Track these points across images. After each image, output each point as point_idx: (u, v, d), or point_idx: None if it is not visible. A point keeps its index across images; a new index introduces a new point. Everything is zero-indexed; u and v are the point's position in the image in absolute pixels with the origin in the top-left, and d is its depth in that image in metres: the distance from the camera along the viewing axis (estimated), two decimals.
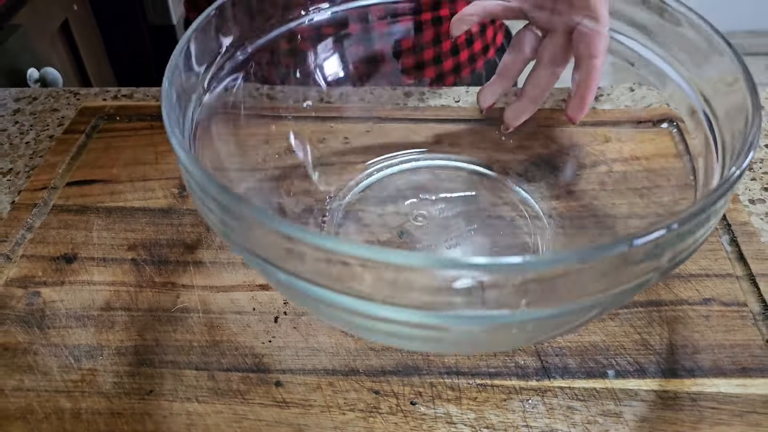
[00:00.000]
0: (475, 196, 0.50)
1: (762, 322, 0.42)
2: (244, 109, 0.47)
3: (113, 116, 0.60)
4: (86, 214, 0.50)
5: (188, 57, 0.38)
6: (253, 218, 0.27)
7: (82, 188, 0.52)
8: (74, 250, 0.47)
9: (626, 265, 0.26)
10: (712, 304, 0.42)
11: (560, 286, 0.25)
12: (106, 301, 0.44)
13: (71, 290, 0.45)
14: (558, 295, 0.25)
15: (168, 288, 0.45)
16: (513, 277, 0.24)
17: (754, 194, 0.54)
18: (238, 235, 0.29)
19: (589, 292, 0.26)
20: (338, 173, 0.52)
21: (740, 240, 0.46)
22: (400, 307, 0.26)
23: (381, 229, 0.47)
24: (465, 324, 0.26)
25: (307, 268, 0.27)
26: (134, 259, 0.47)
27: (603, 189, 0.49)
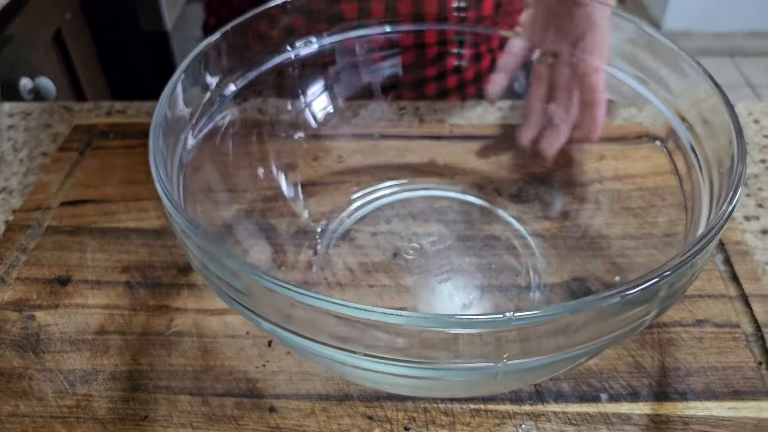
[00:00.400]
0: (469, 218, 0.50)
1: (754, 343, 0.42)
2: (234, 133, 0.47)
3: (106, 133, 0.59)
4: (80, 235, 0.50)
5: (175, 101, 0.38)
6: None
7: (75, 208, 0.52)
8: (68, 272, 0.47)
9: (615, 315, 0.26)
10: (705, 325, 0.42)
11: (544, 343, 0.25)
12: (101, 325, 0.44)
13: (66, 313, 0.45)
14: (542, 348, 0.26)
15: (162, 311, 0.45)
16: (492, 335, 0.24)
17: (748, 211, 0.54)
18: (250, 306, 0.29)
19: (576, 343, 0.26)
20: (332, 194, 0.52)
21: (734, 260, 0.46)
22: (379, 360, 0.26)
23: (375, 251, 0.47)
24: (447, 375, 0.27)
25: (292, 324, 0.27)
26: (128, 281, 0.47)
27: (597, 209, 0.49)
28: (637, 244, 0.46)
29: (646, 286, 0.26)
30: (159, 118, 0.34)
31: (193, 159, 0.43)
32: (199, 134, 0.42)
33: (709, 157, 0.41)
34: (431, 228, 0.49)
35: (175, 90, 0.37)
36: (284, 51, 0.47)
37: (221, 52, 0.42)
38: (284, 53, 0.47)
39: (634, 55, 0.46)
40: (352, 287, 0.45)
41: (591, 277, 0.45)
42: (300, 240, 0.48)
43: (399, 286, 0.45)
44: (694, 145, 0.43)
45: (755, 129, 0.62)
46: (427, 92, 0.63)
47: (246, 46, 0.44)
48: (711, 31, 2.36)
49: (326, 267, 0.46)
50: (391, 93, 0.55)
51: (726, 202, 0.30)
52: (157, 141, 0.33)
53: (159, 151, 0.34)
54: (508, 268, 0.46)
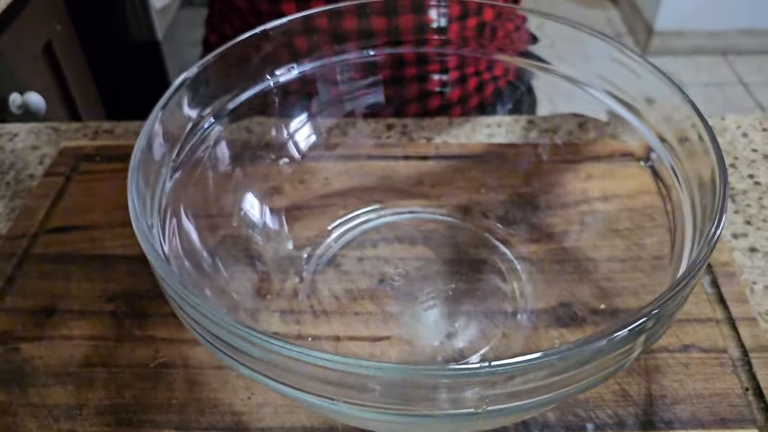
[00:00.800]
0: (455, 241, 0.50)
1: (741, 368, 0.42)
2: (218, 159, 0.47)
3: (93, 156, 0.59)
4: (65, 263, 0.50)
5: (154, 138, 0.38)
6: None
7: (61, 235, 0.52)
8: (53, 302, 0.47)
9: (600, 358, 0.26)
10: (692, 350, 0.42)
11: (525, 389, 0.25)
12: (86, 357, 0.44)
13: (50, 346, 0.44)
14: (523, 394, 0.25)
15: (147, 342, 0.44)
16: (471, 384, 0.24)
17: (736, 228, 0.54)
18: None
19: (559, 387, 0.26)
20: (318, 217, 0.51)
21: (720, 282, 0.46)
22: (357, 407, 0.26)
23: (360, 277, 0.47)
24: (427, 422, 0.27)
25: (268, 370, 0.27)
26: (113, 311, 0.46)
27: (584, 231, 0.49)
28: (624, 267, 0.46)
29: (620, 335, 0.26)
30: (136, 162, 0.34)
31: (176, 186, 0.43)
32: (182, 166, 0.42)
33: (690, 179, 0.41)
34: (418, 252, 0.49)
35: (153, 128, 0.37)
36: (264, 79, 0.46)
37: (200, 84, 0.42)
38: (264, 81, 0.46)
39: (613, 75, 0.46)
40: (338, 315, 0.45)
41: (577, 302, 0.45)
42: (285, 266, 0.48)
43: (385, 314, 0.45)
44: (675, 166, 0.43)
45: (744, 143, 0.62)
46: (408, 114, 0.63)
47: (226, 75, 0.44)
48: (703, 29, 2.37)
49: (312, 294, 0.46)
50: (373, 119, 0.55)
51: (705, 244, 0.30)
52: (134, 185, 0.33)
53: (139, 193, 0.34)
54: (494, 294, 0.46)
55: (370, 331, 0.44)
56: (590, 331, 0.43)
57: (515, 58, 0.48)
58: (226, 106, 0.45)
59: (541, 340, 0.43)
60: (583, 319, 0.44)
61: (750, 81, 2.31)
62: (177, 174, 0.41)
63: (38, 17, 1.10)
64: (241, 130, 0.48)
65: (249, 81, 0.46)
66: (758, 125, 0.64)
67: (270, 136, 0.51)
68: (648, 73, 0.42)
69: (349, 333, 0.44)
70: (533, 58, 0.48)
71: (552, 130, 0.63)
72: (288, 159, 0.51)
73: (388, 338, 0.44)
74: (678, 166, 0.43)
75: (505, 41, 0.49)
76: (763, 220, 0.54)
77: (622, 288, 0.45)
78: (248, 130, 0.48)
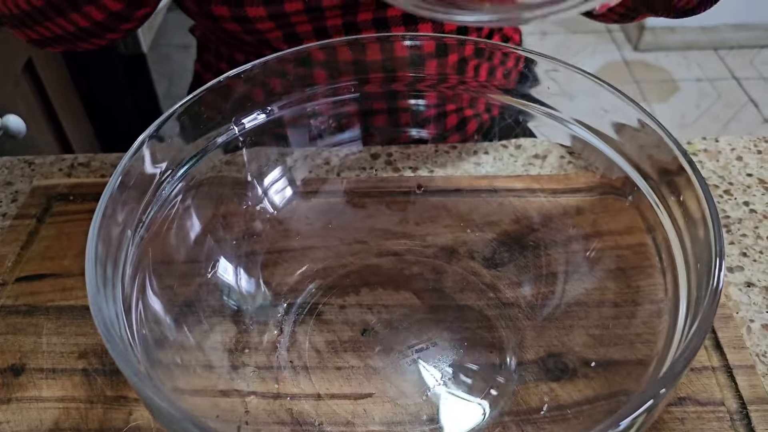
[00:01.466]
0: (441, 285, 0.48)
1: (739, 422, 0.40)
2: (193, 205, 0.45)
3: (66, 195, 0.57)
4: (35, 316, 0.48)
5: (116, 204, 0.36)
6: None
7: (31, 284, 0.50)
8: (22, 359, 0.45)
9: None
10: (687, 404, 0.41)
11: None
12: (55, 421, 0.42)
13: (18, 409, 0.42)
14: None
15: (120, 403, 0.43)
16: None
17: (732, 261, 0.52)
18: None
19: None
20: (299, 261, 0.49)
21: (717, 326, 0.45)
22: None
23: (343, 327, 0.45)
24: None
25: None
26: (85, 369, 0.44)
27: (575, 271, 0.47)
28: (617, 313, 0.44)
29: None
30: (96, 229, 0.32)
31: (143, 241, 0.41)
32: (149, 224, 0.40)
33: (676, 217, 0.39)
34: (401, 298, 0.47)
35: (113, 192, 0.35)
36: (230, 129, 0.44)
37: (165, 136, 0.40)
38: (230, 131, 0.44)
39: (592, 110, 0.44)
40: (319, 370, 0.43)
41: (568, 352, 0.43)
42: (265, 317, 0.46)
43: (368, 368, 0.43)
44: (658, 202, 0.41)
45: (738, 167, 0.60)
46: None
47: (195, 125, 0.42)
48: (695, 24, 2.35)
49: (292, 348, 0.44)
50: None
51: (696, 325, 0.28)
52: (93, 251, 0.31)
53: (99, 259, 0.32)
54: (481, 344, 0.44)
55: (352, 388, 0.42)
56: (582, 386, 0.41)
57: (504, 97, 0.46)
58: (196, 157, 0.43)
59: (530, 395, 0.41)
60: (575, 372, 0.42)
61: (742, 76, 2.29)
62: (142, 231, 0.39)
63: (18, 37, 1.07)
64: (212, 185, 0.46)
65: (216, 130, 0.44)
66: (753, 147, 0.62)
67: (246, 182, 0.49)
68: (624, 104, 0.41)
69: (330, 390, 0.42)
70: (526, 98, 0.47)
71: (542, 156, 0.61)
72: (264, 205, 0.49)
73: (370, 395, 0.42)
74: (662, 202, 0.41)
75: (490, 79, 0.47)
76: (759, 251, 0.53)
77: (615, 337, 0.43)
78: (220, 179, 0.46)
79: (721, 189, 0.58)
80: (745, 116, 2.10)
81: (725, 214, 0.56)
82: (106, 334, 0.29)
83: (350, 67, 0.47)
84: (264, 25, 0.59)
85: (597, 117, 0.44)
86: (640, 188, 0.42)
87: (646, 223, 0.44)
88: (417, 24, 0.63)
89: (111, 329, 0.29)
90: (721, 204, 0.57)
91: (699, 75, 2.31)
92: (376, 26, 0.62)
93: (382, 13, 0.61)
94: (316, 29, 0.61)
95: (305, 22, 0.60)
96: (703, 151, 0.62)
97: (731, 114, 2.12)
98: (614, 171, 0.45)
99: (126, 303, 0.36)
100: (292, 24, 0.60)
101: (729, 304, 0.48)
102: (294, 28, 0.61)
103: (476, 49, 0.45)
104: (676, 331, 0.33)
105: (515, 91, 0.46)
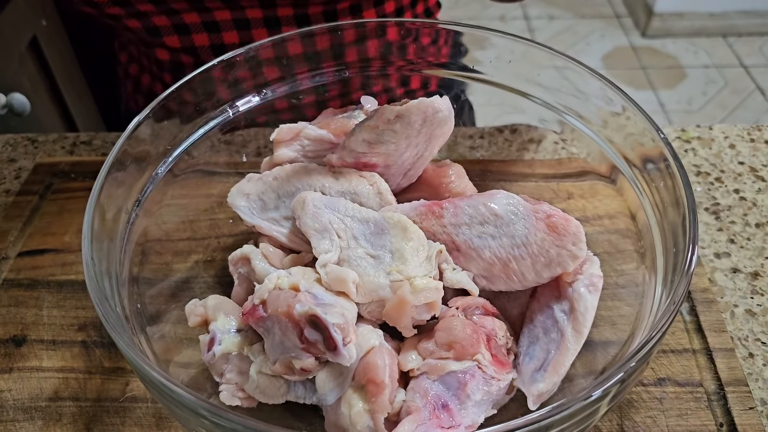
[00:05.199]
0: None
1: (716, 402, 0.41)
2: (191, 180, 0.46)
3: (68, 173, 0.58)
4: (37, 289, 0.49)
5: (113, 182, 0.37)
6: None
7: (33, 259, 0.51)
8: (24, 331, 0.47)
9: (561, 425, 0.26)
10: (667, 384, 0.42)
11: None
12: (55, 390, 0.43)
13: (19, 378, 0.44)
14: None
15: (117, 374, 0.44)
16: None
17: (719, 247, 0.53)
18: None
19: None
20: None
21: (699, 309, 0.46)
22: None
23: None
24: None
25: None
26: (84, 341, 0.46)
27: None
28: (602, 295, 0.45)
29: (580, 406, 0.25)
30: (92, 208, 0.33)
31: (147, 207, 0.43)
32: (146, 199, 0.41)
33: (657, 202, 0.41)
34: None
35: (110, 170, 0.36)
36: (226, 110, 0.45)
37: (161, 120, 0.41)
38: (226, 112, 0.46)
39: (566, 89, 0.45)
40: None
41: None
42: None
43: None
44: (641, 188, 0.42)
45: (731, 155, 0.61)
46: None
47: (191, 105, 0.43)
48: (704, 10, 2.33)
49: None
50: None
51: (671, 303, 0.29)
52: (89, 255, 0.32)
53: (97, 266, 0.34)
54: None
55: None
56: None
57: (436, 71, 0.48)
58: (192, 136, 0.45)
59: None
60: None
61: (750, 63, 2.28)
62: (139, 208, 0.41)
63: (22, 13, 1.08)
64: (209, 164, 0.47)
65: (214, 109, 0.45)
66: (746, 135, 0.63)
67: (240, 162, 0.50)
68: (604, 86, 0.42)
69: None
70: (463, 69, 0.48)
71: (536, 141, 0.62)
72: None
73: None
74: (643, 187, 0.42)
75: (419, 56, 0.48)
76: (747, 238, 0.54)
77: (599, 317, 0.44)
78: (217, 159, 0.47)
79: (713, 176, 0.59)
80: (752, 104, 2.10)
81: (715, 201, 0.57)
82: (101, 307, 0.30)
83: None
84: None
85: (580, 102, 0.45)
86: (625, 175, 0.42)
87: (630, 208, 0.45)
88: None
89: (105, 303, 0.31)
90: (712, 191, 0.57)
91: (706, 62, 2.30)
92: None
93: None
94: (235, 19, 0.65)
95: (223, 9, 0.63)
96: (696, 138, 0.62)
97: (738, 101, 2.12)
98: (602, 158, 0.46)
99: (122, 277, 0.37)
100: (210, 9, 0.63)
101: (714, 289, 0.49)
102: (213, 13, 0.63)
103: (400, 31, 0.47)
104: (651, 311, 0.34)
105: (457, 66, 0.48)
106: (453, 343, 0.34)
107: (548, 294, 0.39)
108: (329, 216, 0.38)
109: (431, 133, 0.42)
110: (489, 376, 0.34)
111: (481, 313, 0.37)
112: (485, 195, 0.39)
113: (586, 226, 0.50)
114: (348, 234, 0.37)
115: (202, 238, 0.49)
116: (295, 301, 0.33)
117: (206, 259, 0.49)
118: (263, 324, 0.34)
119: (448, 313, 0.37)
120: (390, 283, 0.35)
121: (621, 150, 0.44)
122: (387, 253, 0.36)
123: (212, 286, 0.48)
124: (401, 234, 0.37)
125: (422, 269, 0.36)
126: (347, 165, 0.42)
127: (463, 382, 0.34)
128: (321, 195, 0.40)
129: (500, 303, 0.41)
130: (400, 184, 0.45)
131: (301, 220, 0.38)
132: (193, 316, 0.39)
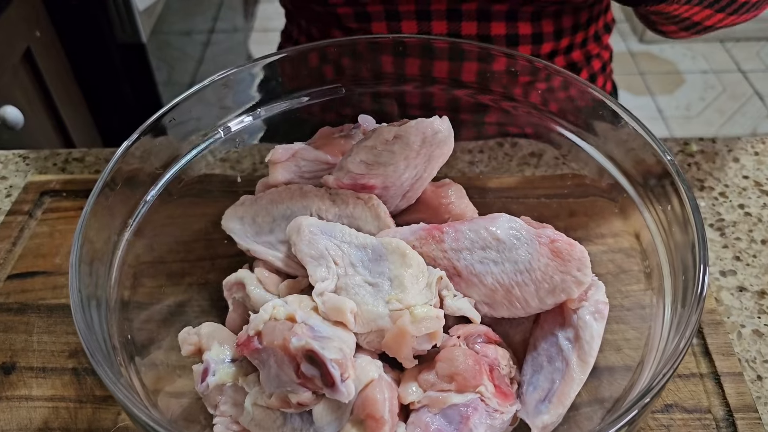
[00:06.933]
0: None
1: (725, 430, 0.40)
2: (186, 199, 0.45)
3: (59, 192, 0.57)
4: (27, 314, 0.48)
5: (101, 210, 0.36)
6: None
7: (23, 282, 0.50)
8: (13, 358, 0.45)
9: None
10: (674, 411, 0.41)
11: None
12: (44, 421, 0.42)
13: (8, 408, 0.43)
14: None
15: (108, 403, 0.43)
16: None
17: (725, 265, 0.52)
18: None
19: None
20: None
21: (706, 332, 0.44)
22: None
23: None
24: None
25: None
26: (75, 368, 0.45)
27: None
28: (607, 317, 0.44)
29: None
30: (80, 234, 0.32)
31: (140, 228, 0.41)
32: (139, 221, 0.40)
33: (662, 222, 0.40)
34: None
35: (101, 193, 0.35)
36: (220, 129, 0.44)
37: (155, 138, 0.40)
38: (220, 131, 0.44)
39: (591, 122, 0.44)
40: None
41: None
42: None
43: None
44: (645, 206, 0.41)
45: (735, 169, 0.60)
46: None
47: (186, 124, 0.42)
48: None
49: None
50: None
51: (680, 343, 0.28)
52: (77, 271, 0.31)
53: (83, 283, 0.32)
54: None
55: None
56: None
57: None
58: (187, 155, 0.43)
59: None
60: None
61: (748, 68, 2.27)
62: (131, 231, 0.40)
63: (15, 24, 1.07)
64: (204, 183, 0.46)
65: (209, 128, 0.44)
66: (750, 148, 0.62)
67: (235, 180, 0.49)
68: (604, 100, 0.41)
69: None
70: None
71: (537, 155, 0.61)
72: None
73: None
74: (647, 205, 0.41)
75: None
76: (753, 255, 0.52)
77: (603, 342, 0.43)
78: (212, 178, 0.46)
79: (717, 191, 0.58)
80: (750, 109, 2.09)
81: (720, 216, 0.56)
82: (88, 342, 0.29)
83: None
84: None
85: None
86: (628, 193, 0.41)
87: (634, 227, 0.44)
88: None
89: (92, 338, 0.29)
90: (716, 206, 0.56)
91: (704, 67, 2.30)
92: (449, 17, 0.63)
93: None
94: (387, 11, 0.62)
95: (377, 2, 0.61)
96: (699, 152, 0.61)
97: (736, 107, 2.11)
98: (603, 175, 0.45)
99: (113, 303, 0.36)
100: (362, 2, 0.61)
101: (720, 309, 0.48)
102: (365, 6, 0.61)
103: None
104: (661, 338, 0.33)
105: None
106: (455, 374, 0.33)
107: (552, 321, 0.38)
108: (326, 242, 0.36)
109: (430, 153, 0.41)
110: (492, 409, 0.33)
111: (483, 341, 0.36)
112: (487, 219, 0.38)
113: (590, 246, 0.49)
114: (345, 261, 0.36)
115: (197, 259, 0.48)
116: (291, 333, 0.31)
117: (200, 281, 0.48)
118: (258, 356, 0.33)
119: (450, 342, 0.36)
120: (389, 313, 0.34)
121: (622, 166, 0.43)
122: (386, 280, 0.35)
123: (206, 311, 0.46)
124: (400, 260, 0.36)
125: (422, 297, 0.35)
126: (344, 186, 0.41)
127: (465, 415, 0.33)
128: (317, 220, 0.38)
129: (502, 329, 0.40)
130: (398, 205, 0.44)
131: (297, 247, 0.37)
132: (186, 344, 0.38)
